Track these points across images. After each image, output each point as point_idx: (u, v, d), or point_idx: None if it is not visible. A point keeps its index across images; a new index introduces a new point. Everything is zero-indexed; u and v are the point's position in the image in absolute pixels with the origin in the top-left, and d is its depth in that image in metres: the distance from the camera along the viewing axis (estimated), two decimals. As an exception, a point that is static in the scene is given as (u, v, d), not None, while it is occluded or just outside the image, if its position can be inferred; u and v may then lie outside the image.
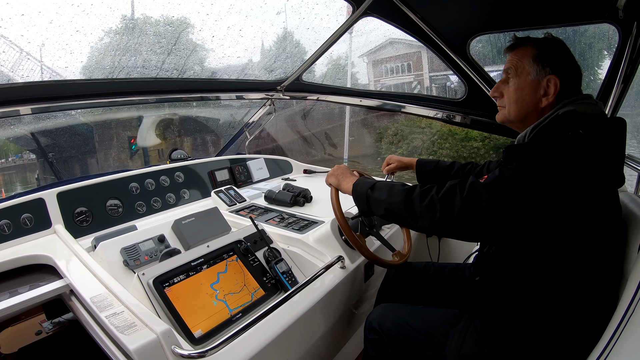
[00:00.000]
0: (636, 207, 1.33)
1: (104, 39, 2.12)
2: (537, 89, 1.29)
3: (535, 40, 1.33)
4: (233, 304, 1.43)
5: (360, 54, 9.90)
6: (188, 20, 2.20)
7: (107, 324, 1.10)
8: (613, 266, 1.20)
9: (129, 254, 1.62)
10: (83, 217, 1.97)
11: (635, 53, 1.94)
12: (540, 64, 1.28)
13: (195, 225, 1.86)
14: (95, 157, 5.55)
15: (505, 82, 1.38)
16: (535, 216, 1.07)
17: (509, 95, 1.36)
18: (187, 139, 6.10)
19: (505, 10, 2.12)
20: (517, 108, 1.35)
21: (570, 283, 1.15)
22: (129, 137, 4.90)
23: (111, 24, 2.04)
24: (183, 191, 2.50)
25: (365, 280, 1.87)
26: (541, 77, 1.28)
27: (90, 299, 1.24)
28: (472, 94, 2.63)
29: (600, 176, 1.10)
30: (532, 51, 1.31)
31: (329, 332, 1.66)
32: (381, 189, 1.34)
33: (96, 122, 4.91)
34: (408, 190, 1.24)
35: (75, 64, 2.14)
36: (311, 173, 3.36)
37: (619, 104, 2.10)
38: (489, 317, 1.28)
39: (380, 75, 11.48)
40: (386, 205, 1.30)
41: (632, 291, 0.97)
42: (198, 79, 2.68)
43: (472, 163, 2.00)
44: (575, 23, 2.18)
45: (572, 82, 1.29)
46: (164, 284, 1.36)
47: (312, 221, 2.07)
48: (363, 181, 1.45)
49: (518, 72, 1.33)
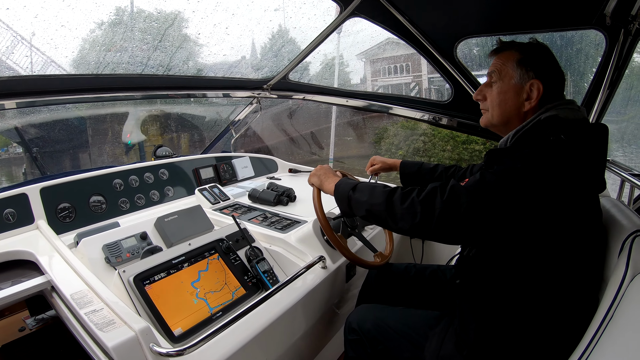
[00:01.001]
0: (617, 212, 1.35)
1: (89, 34, 2.11)
2: (520, 93, 1.30)
3: (520, 45, 1.35)
4: (213, 302, 1.45)
5: (358, 53, 9.86)
6: (174, 16, 2.20)
7: (86, 321, 1.11)
8: (593, 270, 1.21)
9: (110, 251, 1.62)
10: (66, 213, 1.96)
11: (622, 60, 1.98)
12: (524, 68, 1.29)
13: (177, 223, 1.86)
14: (88, 152, 5.44)
15: (489, 85, 1.39)
16: (515, 220, 1.08)
17: (492, 98, 1.37)
18: (184, 135, 6.03)
19: (494, 14, 2.14)
20: (499, 112, 1.35)
21: (550, 287, 1.16)
22: (126, 131, 4.82)
23: (97, 19, 2.04)
24: (167, 188, 2.50)
25: (347, 280, 1.89)
26: (524, 81, 1.29)
27: (70, 296, 1.24)
28: (459, 96, 2.67)
29: (580, 181, 1.12)
30: (516, 55, 1.32)
31: (309, 332, 1.68)
32: (363, 190, 1.35)
33: (89, 116, 4.83)
34: (389, 192, 1.25)
35: (60, 59, 2.13)
36: (296, 172, 3.37)
37: (605, 109, 2.15)
38: (469, 320, 1.29)
39: (378, 75, 11.44)
40: (367, 206, 1.30)
41: (612, 295, 1.00)
42: (184, 76, 2.67)
43: (456, 166, 2.01)
44: (563, 28, 2.22)
45: (555, 87, 1.30)
46: (144, 282, 1.37)
47: (295, 221, 2.09)
48: (345, 182, 1.45)
49: (502, 75, 1.34)
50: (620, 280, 1.02)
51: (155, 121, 5.20)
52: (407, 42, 2.51)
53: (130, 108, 3.51)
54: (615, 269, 1.09)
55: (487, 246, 1.28)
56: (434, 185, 1.17)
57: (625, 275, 1.02)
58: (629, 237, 1.14)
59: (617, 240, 1.19)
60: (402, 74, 11.18)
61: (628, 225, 1.21)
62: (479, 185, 1.09)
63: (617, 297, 0.99)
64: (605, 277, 1.19)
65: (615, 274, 1.06)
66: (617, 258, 1.14)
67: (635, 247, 1.08)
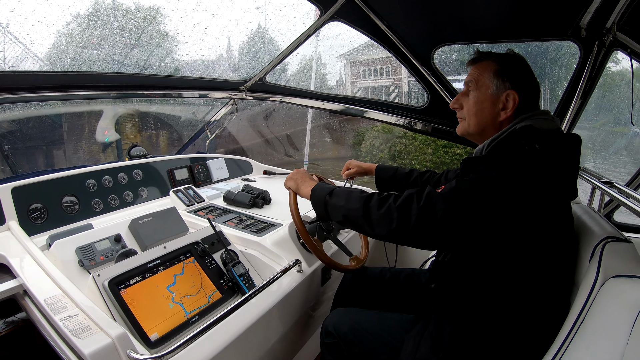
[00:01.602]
0: (589, 219, 1.40)
1: (66, 30, 2.07)
2: (496, 103, 1.34)
3: (497, 56, 1.38)
4: (189, 306, 1.45)
5: (337, 55, 9.88)
6: (154, 14, 2.18)
7: (61, 327, 1.10)
8: (564, 275, 1.26)
9: (84, 254, 1.60)
10: (38, 213, 1.92)
11: (595, 70, 2.08)
12: (501, 79, 1.33)
13: (152, 225, 1.85)
14: (63, 150, 5.23)
15: (466, 94, 1.42)
16: (490, 227, 1.11)
17: (469, 107, 1.40)
18: (163, 133, 5.91)
19: (472, 22, 2.20)
20: (476, 121, 1.39)
21: (523, 291, 1.21)
22: (102, 128, 4.67)
23: (74, 15, 2.00)
24: (141, 189, 2.47)
25: (322, 284, 1.91)
26: (501, 91, 1.33)
27: (44, 301, 1.23)
28: (434, 102, 2.73)
29: (553, 190, 1.16)
30: (493, 66, 1.35)
31: (286, 335, 1.70)
32: (339, 195, 1.35)
33: (64, 113, 4.69)
34: (366, 198, 1.26)
35: (36, 54, 2.09)
36: (271, 174, 3.37)
37: (577, 117, 2.24)
38: (444, 323, 1.32)
39: (358, 77, 11.44)
40: (344, 211, 1.31)
41: (583, 299, 1.06)
42: (161, 75, 2.65)
43: (431, 171, 2.05)
44: (539, 39, 2.30)
45: (530, 97, 1.34)
46: (119, 286, 1.36)
47: (270, 224, 2.10)
48: (321, 186, 1.46)
49: (478, 85, 1.37)
50: (592, 284, 1.07)
51: (132, 119, 5.09)
52: (384, 47, 2.56)
53: (106, 106, 3.44)
54: (586, 274, 1.14)
55: (462, 252, 1.32)
56: (410, 191, 1.18)
57: (597, 280, 1.07)
58: (600, 243, 1.18)
59: (589, 246, 1.24)
60: (382, 76, 11.23)
61: (599, 232, 1.26)
62: (454, 193, 1.11)
63: (589, 301, 1.04)
64: (577, 281, 1.24)
65: (587, 279, 1.11)
66: (588, 263, 1.19)
67: (606, 253, 1.12)
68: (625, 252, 1.13)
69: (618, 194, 1.67)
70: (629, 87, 2.10)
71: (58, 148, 5.11)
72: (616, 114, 4.41)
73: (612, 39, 1.96)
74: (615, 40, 1.96)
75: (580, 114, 2.26)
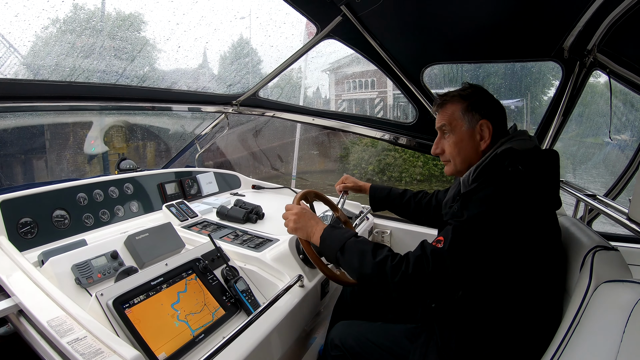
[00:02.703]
0: (577, 230, 1.49)
1: (65, 38, 2.03)
2: (474, 136, 1.42)
3: (460, 94, 1.46)
4: (195, 324, 1.41)
5: (323, 69, 9.96)
6: (157, 27, 2.16)
7: (70, 351, 1.05)
8: (556, 283, 1.34)
9: (81, 271, 1.54)
10: (28, 228, 1.84)
11: (576, 89, 2.18)
12: (470, 114, 1.42)
13: (149, 242, 1.80)
14: (45, 160, 4.99)
15: (443, 138, 1.50)
16: (493, 259, 1.20)
17: (451, 150, 1.48)
18: (150, 144, 5.79)
19: (460, 43, 2.28)
20: (461, 159, 1.47)
21: (519, 301, 1.28)
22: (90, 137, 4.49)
23: (75, 24, 1.97)
24: (132, 203, 2.41)
25: (322, 297, 1.91)
26: (474, 124, 1.41)
27: (47, 322, 1.17)
28: (423, 119, 2.79)
29: (540, 205, 1.25)
30: (459, 105, 1.44)
31: (287, 351, 1.67)
32: (352, 254, 1.38)
33: (48, 124, 4.53)
34: (379, 264, 1.29)
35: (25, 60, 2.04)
36: (260, 189, 3.35)
37: (559, 134, 2.34)
38: (449, 332, 1.38)
39: (343, 90, 11.55)
40: (358, 274, 1.36)
41: (577, 304, 1.14)
42: (153, 88, 2.62)
43: (423, 192, 2.12)
44: (524, 60, 2.40)
45: (500, 120, 1.44)
46: (124, 305, 1.31)
47: (267, 239, 2.08)
48: (331, 237, 1.47)
49: (452, 127, 1.46)
50: (585, 290, 1.15)
51: (121, 130, 4.97)
52: (376, 65, 2.61)
53: (93, 117, 3.36)
54: (578, 281, 1.23)
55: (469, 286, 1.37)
56: (416, 255, 1.25)
57: (589, 286, 1.15)
58: (590, 252, 1.27)
59: (578, 255, 1.33)
60: (367, 89, 11.37)
61: (588, 242, 1.35)
62: (455, 244, 1.21)
63: (582, 305, 1.12)
64: (568, 288, 1.33)
65: (579, 285, 1.20)
66: (579, 271, 1.27)
67: (597, 261, 1.22)
68: (614, 259, 1.24)
69: (600, 204, 1.82)
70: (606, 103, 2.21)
71: (39, 158, 4.92)
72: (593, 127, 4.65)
73: (593, 59, 2.07)
74: (596, 61, 2.08)
75: (561, 130, 2.37)
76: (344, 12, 2.16)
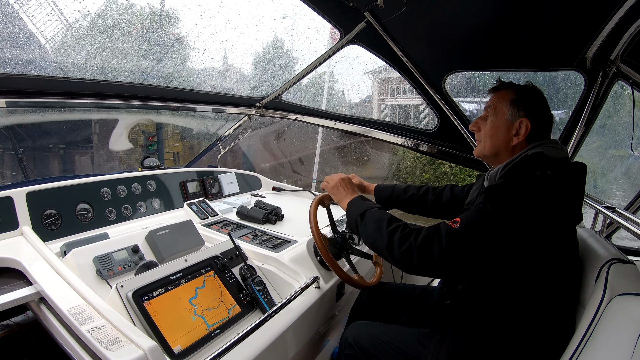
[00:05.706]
0: (594, 242, 1.47)
1: (95, 38, 2.08)
2: (510, 129, 1.42)
3: (516, 86, 1.47)
4: (211, 319, 1.42)
5: (365, 72, 9.89)
6: (184, 30, 2.20)
7: (88, 339, 1.06)
8: (570, 294, 1.33)
9: (102, 263, 1.57)
10: (52, 220, 1.88)
11: (599, 100, 2.15)
12: (516, 107, 1.41)
13: (169, 238, 1.82)
14: (90, 155, 5.05)
15: (484, 118, 1.51)
16: (505, 255, 1.20)
17: (486, 131, 1.49)
18: (204, 142, 5.93)
19: (483, 52, 2.26)
20: (491, 144, 1.47)
21: (533, 309, 1.28)
22: (147, 134, 4.50)
23: (105, 24, 2.02)
24: (154, 200, 2.45)
25: (337, 299, 1.91)
26: (515, 118, 1.41)
27: (67, 311, 1.19)
28: (444, 126, 2.77)
29: (561, 214, 1.24)
30: (511, 95, 1.44)
31: (301, 351, 1.68)
32: (369, 221, 1.47)
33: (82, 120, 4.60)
34: (391, 232, 1.35)
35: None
36: (280, 191, 3.36)
37: (580, 144, 2.31)
38: (460, 339, 1.38)
39: (385, 94, 11.37)
40: (371, 240, 1.44)
41: (591, 315, 1.12)
42: (182, 88, 2.66)
43: (428, 186, 2.11)
44: (546, 69, 2.37)
45: (542, 127, 1.42)
46: (143, 297, 1.33)
47: (285, 240, 2.08)
48: (357, 203, 1.60)
49: (496, 111, 1.46)
50: (599, 302, 1.13)
51: (174, 128, 5.02)
52: (398, 71, 2.60)
53: (120, 114, 3.42)
54: (593, 293, 1.21)
55: (479, 278, 1.37)
56: (429, 230, 1.28)
57: (603, 298, 1.13)
58: (606, 264, 1.25)
59: (594, 267, 1.31)
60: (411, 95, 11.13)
61: (604, 254, 1.33)
62: (472, 226, 1.22)
63: (596, 317, 1.10)
64: (582, 300, 1.31)
65: (594, 298, 1.18)
66: (594, 283, 1.25)
67: (612, 274, 1.20)
68: (630, 272, 1.21)
69: (619, 217, 1.81)
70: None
71: (84, 154, 4.96)
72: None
73: (616, 70, 2.04)
74: (619, 72, 2.04)
75: (583, 140, 2.34)
76: (368, 18, 2.16)
